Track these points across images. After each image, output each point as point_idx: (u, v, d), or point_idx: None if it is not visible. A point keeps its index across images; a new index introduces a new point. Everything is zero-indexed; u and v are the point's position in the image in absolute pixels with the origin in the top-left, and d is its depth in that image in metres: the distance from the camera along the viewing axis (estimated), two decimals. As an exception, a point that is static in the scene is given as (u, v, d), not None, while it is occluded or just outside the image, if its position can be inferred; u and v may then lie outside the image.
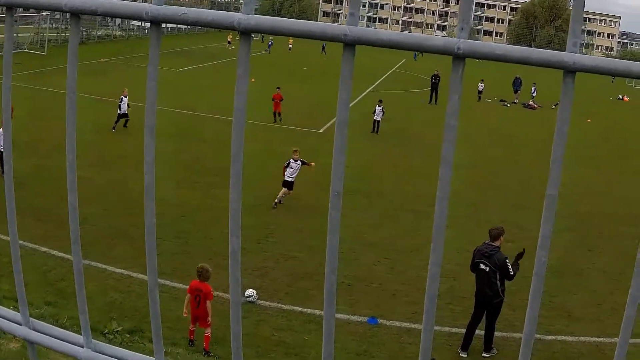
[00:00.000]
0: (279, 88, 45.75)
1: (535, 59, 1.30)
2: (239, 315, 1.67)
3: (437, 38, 1.35)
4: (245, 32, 1.45)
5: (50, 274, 18.21)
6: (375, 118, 43.45)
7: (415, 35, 1.35)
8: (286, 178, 27.34)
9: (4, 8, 1.78)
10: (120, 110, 37.88)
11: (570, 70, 1.31)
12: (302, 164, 27.56)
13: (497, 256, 16.46)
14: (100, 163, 28.07)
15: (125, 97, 37.80)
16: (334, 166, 1.49)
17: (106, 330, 15.30)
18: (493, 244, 16.60)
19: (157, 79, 1.62)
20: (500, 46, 1.32)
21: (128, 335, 15.56)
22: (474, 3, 1.46)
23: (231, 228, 1.61)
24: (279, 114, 44.87)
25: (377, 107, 43.83)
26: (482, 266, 16.42)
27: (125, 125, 37.63)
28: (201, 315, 15.61)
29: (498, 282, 16.49)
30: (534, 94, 67.75)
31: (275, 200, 26.91)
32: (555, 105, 66.52)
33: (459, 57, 1.34)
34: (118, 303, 17.25)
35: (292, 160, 27.49)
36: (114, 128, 37.28)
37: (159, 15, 1.51)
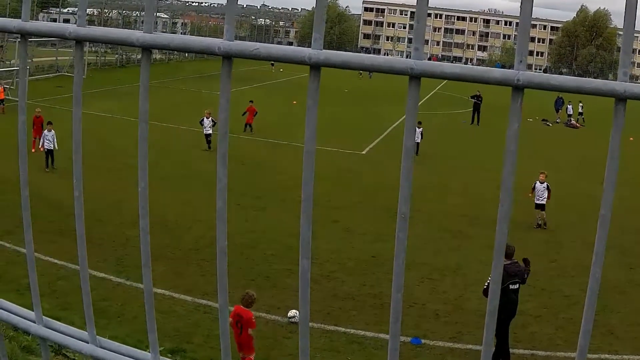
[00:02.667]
0: (251, 102, 48.26)
1: (588, 88, 1.38)
2: (307, 330, 1.73)
3: (496, 70, 1.43)
4: (316, 67, 1.53)
5: (90, 295, 18.34)
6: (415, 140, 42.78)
7: (476, 68, 1.42)
8: (535, 201, 28.83)
9: (74, 42, 1.87)
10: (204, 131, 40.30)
11: (621, 99, 1.38)
12: (547, 188, 28.98)
13: (522, 269, 16.84)
14: (137, 185, 28.14)
15: (207, 118, 39.22)
16: (401, 190, 1.56)
17: (147, 351, 15.34)
18: (514, 261, 16.77)
19: (229, 111, 1.70)
20: (555, 77, 1.40)
21: (169, 355, 15.62)
22: (529, 36, 1.51)
23: (302, 250, 1.68)
24: (250, 125, 47.28)
25: (416, 129, 43.10)
26: (513, 286, 16.55)
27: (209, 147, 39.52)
28: (244, 343, 14.92)
29: None
30: (570, 112, 67.45)
31: (539, 222, 28.68)
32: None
33: (518, 88, 1.42)
34: (159, 323, 17.12)
35: (537, 183, 28.95)
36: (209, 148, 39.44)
37: (231, 50, 1.59)
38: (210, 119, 39.43)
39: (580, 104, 67.81)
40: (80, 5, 1.82)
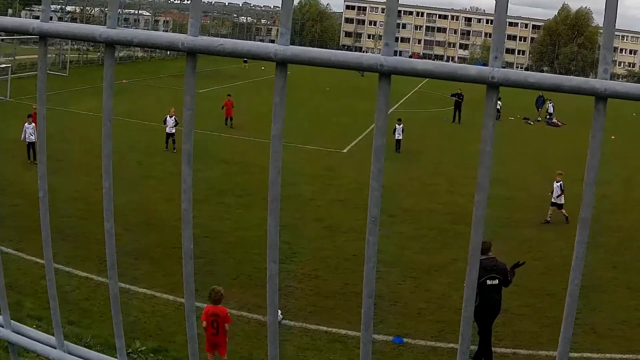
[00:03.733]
0: (229, 95, 50.42)
1: (567, 87, 1.33)
2: (276, 337, 1.69)
3: (470, 67, 1.37)
4: (282, 63, 1.48)
5: (73, 294, 18.24)
6: (396, 137, 43.23)
7: (448, 65, 1.37)
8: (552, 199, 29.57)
9: (38, 37, 1.81)
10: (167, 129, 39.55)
11: (601, 97, 1.33)
12: (560, 188, 29.48)
13: (501, 266, 16.66)
14: (121, 183, 28.11)
15: (171, 117, 38.77)
16: (371, 192, 1.51)
17: (129, 350, 15.29)
18: (490, 256, 16.58)
19: (194, 108, 1.64)
20: (532, 74, 1.35)
21: (152, 355, 15.58)
22: (506, 33, 1.47)
23: (269, 253, 1.63)
24: (231, 119, 49.14)
25: (396, 125, 43.59)
26: (490, 281, 16.34)
27: (174, 148, 38.65)
28: (220, 341, 14.96)
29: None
30: (550, 111, 67.66)
31: (548, 219, 29.29)
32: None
33: (493, 86, 1.37)
34: (142, 323, 17.27)
35: (555, 182, 29.63)
36: (166, 149, 38.77)
37: (195, 46, 1.54)
38: (173, 117, 39.14)
39: (551, 104, 68.04)
40: (44, 1, 1.77)
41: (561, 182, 29.09)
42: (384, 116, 1.44)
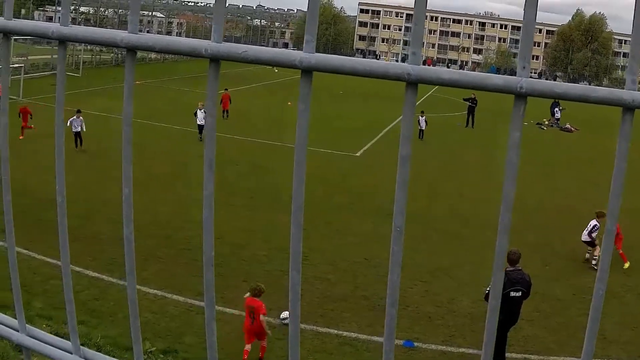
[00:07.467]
0: (226, 89, 53.42)
1: (594, 97, 1.31)
2: (297, 343, 1.68)
3: (496, 77, 1.36)
4: (307, 71, 1.46)
5: (82, 294, 18.23)
6: (420, 128, 47.81)
7: (475, 74, 1.36)
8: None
9: (57, 41, 1.80)
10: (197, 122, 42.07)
11: (629, 108, 1.32)
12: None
13: (526, 278, 16.64)
14: (132, 183, 27.97)
15: (201, 110, 41.35)
16: (396, 201, 1.50)
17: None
18: (518, 268, 16.57)
19: (216, 115, 1.63)
20: (559, 85, 1.33)
21: (162, 356, 15.61)
22: (533, 41, 1.44)
23: (292, 262, 1.61)
24: (227, 112, 51.75)
25: (420, 117, 47.88)
26: (514, 293, 16.32)
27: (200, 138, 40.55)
28: (256, 330, 16.11)
29: None
30: (558, 117, 67.64)
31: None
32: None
33: (521, 96, 1.36)
34: (152, 324, 17.27)
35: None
36: (200, 140, 40.22)
37: (219, 52, 1.52)
38: (203, 110, 39.81)
39: (558, 108, 68.13)
40: (63, 4, 1.75)
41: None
42: (409, 125, 1.42)
